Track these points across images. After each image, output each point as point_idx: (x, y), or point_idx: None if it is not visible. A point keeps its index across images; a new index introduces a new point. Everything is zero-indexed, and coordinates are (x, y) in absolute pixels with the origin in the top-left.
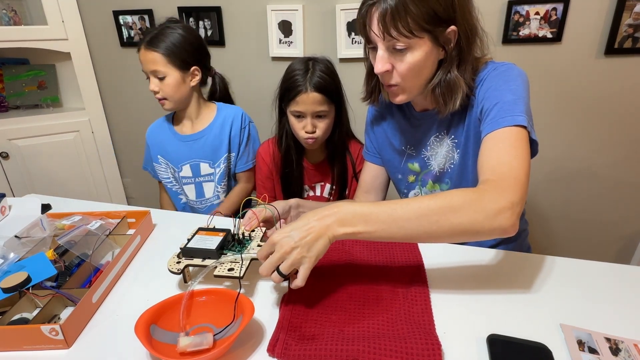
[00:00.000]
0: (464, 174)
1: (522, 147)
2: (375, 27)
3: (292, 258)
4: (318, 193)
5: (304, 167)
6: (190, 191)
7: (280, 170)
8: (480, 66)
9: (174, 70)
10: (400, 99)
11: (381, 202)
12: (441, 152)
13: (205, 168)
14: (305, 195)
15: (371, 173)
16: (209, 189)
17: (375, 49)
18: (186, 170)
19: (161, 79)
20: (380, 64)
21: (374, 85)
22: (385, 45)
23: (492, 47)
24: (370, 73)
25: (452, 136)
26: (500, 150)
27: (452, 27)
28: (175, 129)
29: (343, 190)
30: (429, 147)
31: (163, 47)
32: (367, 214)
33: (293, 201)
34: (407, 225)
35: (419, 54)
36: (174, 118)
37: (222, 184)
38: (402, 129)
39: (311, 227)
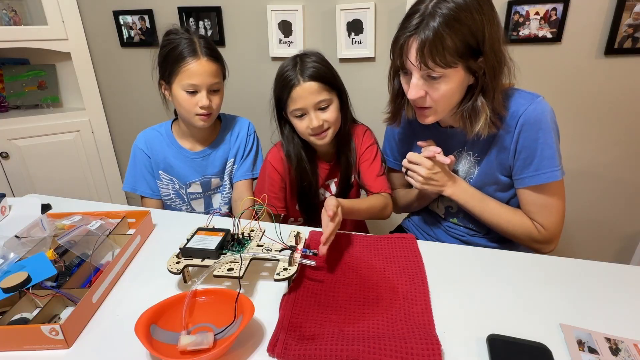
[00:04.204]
0: (481, 190)
1: (564, 197)
2: (413, 57)
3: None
4: (334, 191)
5: (319, 168)
6: (198, 205)
7: (297, 183)
8: (504, 92)
9: (222, 84)
10: (430, 119)
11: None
12: (462, 167)
13: (215, 182)
14: (322, 198)
15: (401, 179)
16: (217, 200)
17: (407, 74)
18: (195, 187)
19: (215, 92)
20: (415, 91)
21: (399, 106)
22: (420, 74)
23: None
24: (397, 95)
25: (476, 154)
26: (555, 202)
27: (483, 57)
28: (182, 145)
29: (348, 178)
30: None
31: (221, 58)
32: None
33: None
34: (485, 215)
35: (452, 82)
36: (174, 132)
37: (225, 192)
38: (426, 140)
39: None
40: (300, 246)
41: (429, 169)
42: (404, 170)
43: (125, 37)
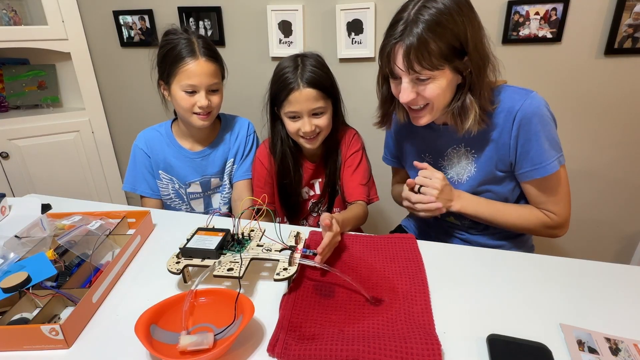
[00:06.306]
0: (480, 186)
1: (567, 180)
2: (400, 63)
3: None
4: (318, 190)
5: (303, 168)
6: (198, 205)
7: (278, 180)
8: (496, 89)
9: (221, 84)
10: (424, 121)
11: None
12: (459, 163)
13: (215, 182)
14: (306, 197)
15: (402, 176)
16: (216, 200)
17: (396, 78)
18: (195, 187)
19: (214, 92)
20: (405, 95)
21: (389, 111)
22: (409, 78)
23: (492, 48)
24: (386, 100)
25: (472, 150)
26: (562, 187)
27: (468, 57)
28: (181, 145)
29: (334, 183)
30: (446, 157)
31: (219, 58)
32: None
33: None
34: (498, 219)
35: (440, 83)
36: (174, 132)
37: (225, 192)
38: (423, 138)
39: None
40: (300, 246)
41: (442, 180)
42: (416, 188)
43: (125, 37)
